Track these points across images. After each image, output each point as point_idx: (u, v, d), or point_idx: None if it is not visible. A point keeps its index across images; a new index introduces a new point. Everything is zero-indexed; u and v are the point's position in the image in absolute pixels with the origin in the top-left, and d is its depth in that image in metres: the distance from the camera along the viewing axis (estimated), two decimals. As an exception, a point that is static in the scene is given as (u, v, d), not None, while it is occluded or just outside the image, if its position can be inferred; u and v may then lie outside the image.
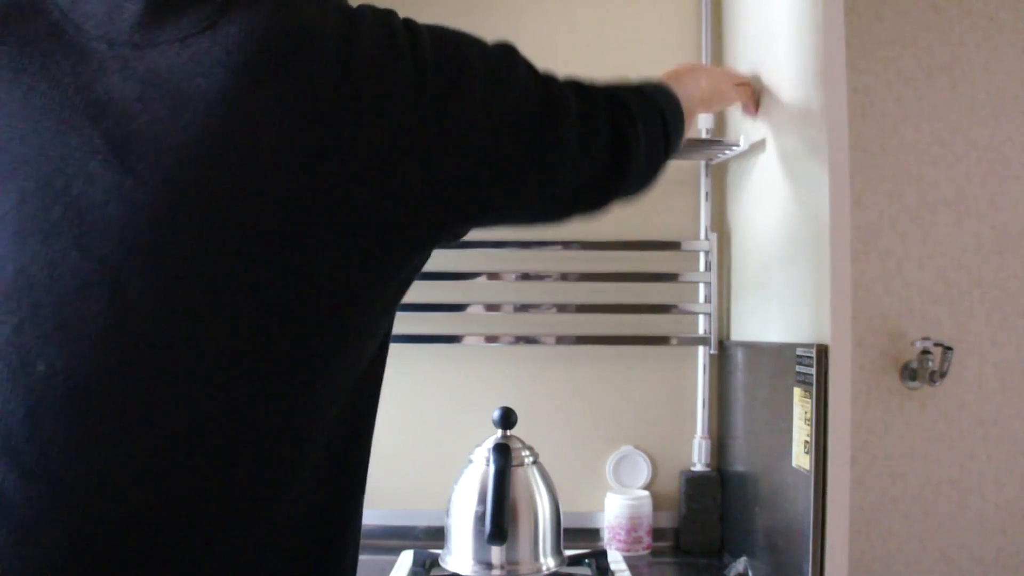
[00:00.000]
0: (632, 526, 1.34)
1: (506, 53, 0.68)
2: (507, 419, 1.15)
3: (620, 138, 0.75)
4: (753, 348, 1.24)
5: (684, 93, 0.92)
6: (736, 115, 1.36)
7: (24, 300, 0.51)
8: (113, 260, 0.51)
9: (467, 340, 1.41)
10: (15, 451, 0.49)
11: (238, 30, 0.55)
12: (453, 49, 0.63)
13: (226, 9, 0.56)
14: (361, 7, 0.62)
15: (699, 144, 1.33)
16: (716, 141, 1.31)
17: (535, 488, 1.13)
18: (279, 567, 0.57)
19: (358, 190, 0.56)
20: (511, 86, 0.66)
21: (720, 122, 1.43)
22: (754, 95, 1.20)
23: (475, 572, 1.10)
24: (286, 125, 0.54)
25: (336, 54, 0.57)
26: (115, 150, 0.53)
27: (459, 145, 0.62)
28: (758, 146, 1.23)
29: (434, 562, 1.17)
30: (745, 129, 1.28)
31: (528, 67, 0.69)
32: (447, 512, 1.15)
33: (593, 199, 0.78)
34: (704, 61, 1.44)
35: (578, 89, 0.73)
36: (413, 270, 0.64)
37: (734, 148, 1.29)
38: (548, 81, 0.71)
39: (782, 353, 1.07)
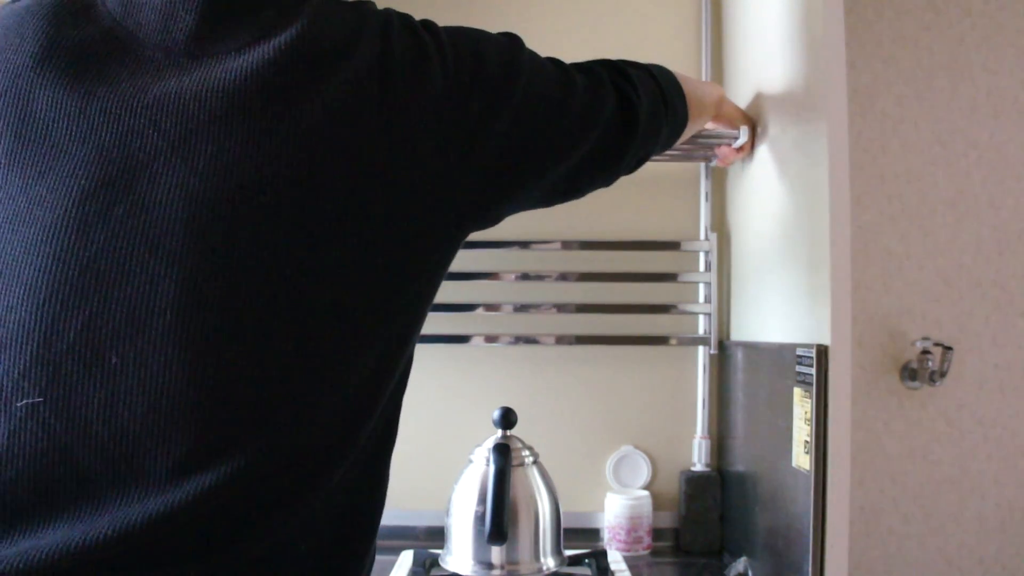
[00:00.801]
0: (632, 526, 1.34)
1: (513, 41, 0.75)
2: (507, 419, 1.15)
3: (624, 100, 0.82)
4: (753, 348, 1.24)
5: (696, 88, 1.03)
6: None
7: (93, 295, 0.53)
8: (179, 254, 0.54)
9: (467, 340, 1.41)
10: (96, 438, 0.52)
11: (290, 38, 0.59)
12: (472, 46, 0.69)
13: (277, 21, 0.60)
14: (387, 11, 0.67)
15: (700, 138, 1.32)
16: (716, 135, 1.30)
17: (535, 488, 1.13)
18: (316, 541, 0.60)
19: (405, 178, 0.61)
20: (525, 70, 0.72)
21: (720, 122, 1.43)
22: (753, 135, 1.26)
23: (475, 572, 1.10)
24: (338, 121, 0.58)
25: (378, 57, 0.62)
26: (177, 150, 0.56)
27: (490, 128, 0.67)
28: (757, 141, 1.23)
29: (434, 562, 1.17)
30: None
31: (533, 52, 0.76)
32: (447, 512, 1.15)
33: (609, 163, 0.83)
34: (704, 61, 1.45)
35: (578, 65, 0.80)
36: (454, 246, 0.69)
37: (733, 143, 1.28)
38: (555, 61, 0.78)
39: (782, 353, 1.07)
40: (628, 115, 0.82)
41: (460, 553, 1.12)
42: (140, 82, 0.58)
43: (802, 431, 0.97)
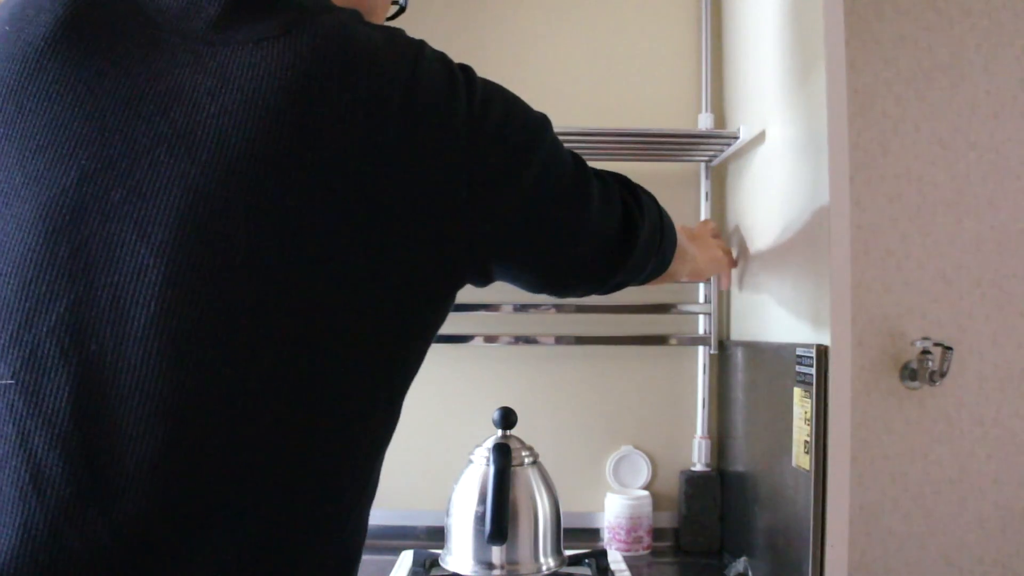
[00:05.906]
0: (632, 526, 1.34)
1: (543, 118, 0.72)
2: (507, 419, 1.15)
3: (628, 217, 0.80)
4: (753, 348, 1.24)
5: (684, 242, 1.03)
6: (734, 109, 1.36)
7: (80, 278, 0.52)
8: (170, 246, 0.52)
9: (467, 340, 1.41)
10: (58, 430, 0.49)
11: (312, 39, 0.57)
12: (503, 103, 0.66)
13: (301, 20, 0.58)
14: (421, 41, 0.65)
15: (700, 139, 1.33)
16: (716, 135, 1.31)
17: (535, 488, 1.13)
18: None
19: (405, 210, 0.58)
20: (547, 148, 0.70)
21: (719, 117, 1.43)
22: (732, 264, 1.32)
23: (475, 572, 1.10)
24: (349, 136, 0.56)
25: (402, 78, 0.59)
26: (182, 139, 0.54)
27: (501, 185, 0.64)
28: (757, 141, 1.23)
29: (434, 562, 1.17)
30: (746, 120, 1.28)
31: (556, 137, 0.73)
32: (447, 512, 1.15)
33: (601, 270, 0.81)
34: (704, 61, 1.44)
35: (595, 170, 0.79)
36: (450, 282, 0.67)
37: (733, 142, 1.29)
38: (574, 155, 0.76)
39: (782, 353, 1.07)
40: (630, 233, 0.81)
41: (460, 553, 1.12)
42: (154, 67, 0.57)
43: (802, 431, 0.97)
